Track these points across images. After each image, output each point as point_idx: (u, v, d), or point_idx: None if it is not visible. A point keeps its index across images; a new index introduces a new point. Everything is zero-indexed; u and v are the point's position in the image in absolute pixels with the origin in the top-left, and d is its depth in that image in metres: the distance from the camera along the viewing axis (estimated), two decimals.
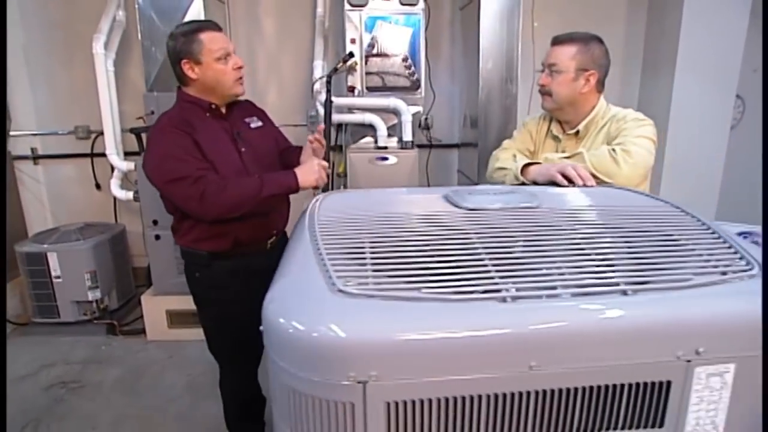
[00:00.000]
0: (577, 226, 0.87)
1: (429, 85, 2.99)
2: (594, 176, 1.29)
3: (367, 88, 2.86)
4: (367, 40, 2.79)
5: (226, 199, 1.45)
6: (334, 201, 1.08)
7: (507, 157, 1.55)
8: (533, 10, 3.44)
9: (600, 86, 1.52)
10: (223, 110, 1.61)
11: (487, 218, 0.90)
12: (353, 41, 2.78)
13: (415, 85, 2.88)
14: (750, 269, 0.73)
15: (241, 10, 3.31)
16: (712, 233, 0.85)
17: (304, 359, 0.64)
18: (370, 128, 2.83)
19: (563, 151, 1.49)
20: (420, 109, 2.91)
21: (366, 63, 2.82)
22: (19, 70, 3.31)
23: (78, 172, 3.55)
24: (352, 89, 2.83)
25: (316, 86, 2.76)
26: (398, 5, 2.72)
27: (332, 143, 2.76)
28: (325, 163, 1.58)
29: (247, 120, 1.68)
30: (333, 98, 2.70)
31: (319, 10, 3.02)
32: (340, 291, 0.69)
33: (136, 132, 2.74)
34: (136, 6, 2.63)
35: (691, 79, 3.16)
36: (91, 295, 3.00)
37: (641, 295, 0.68)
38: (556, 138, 1.59)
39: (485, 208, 0.94)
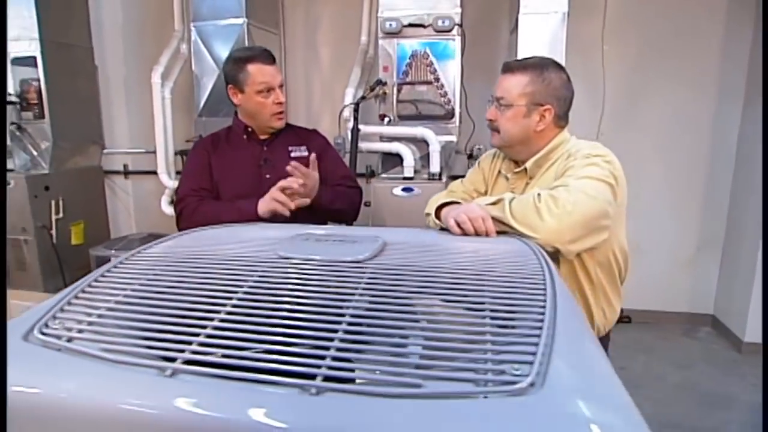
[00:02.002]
0: (372, 292, 0.71)
1: (467, 114, 2.82)
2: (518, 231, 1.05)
3: (400, 116, 2.79)
4: (401, 67, 2.73)
5: (197, 219, 1.51)
6: (187, 238, 1.03)
7: (437, 200, 1.35)
8: (603, 33, 3.09)
9: (560, 120, 1.28)
10: (265, 135, 1.67)
11: (282, 271, 0.78)
12: (386, 69, 2.73)
13: (450, 114, 2.74)
14: (519, 383, 0.51)
15: (299, 40, 3.47)
16: (536, 320, 0.63)
17: None
18: (400, 158, 2.74)
19: (512, 191, 1.27)
20: (454, 138, 2.76)
21: (399, 91, 2.76)
22: (119, 98, 3.82)
23: (160, 186, 3.97)
24: (382, 117, 2.77)
25: (345, 113, 2.75)
26: (432, 32, 2.62)
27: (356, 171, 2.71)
28: (278, 194, 1.51)
29: (291, 148, 1.70)
30: (361, 126, 2.69)
31: (363, 38, 3.04)
32: (32, 333, 0.64)
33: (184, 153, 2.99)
34: (192, 40, 2.89)
35: None
36: None
37: (327, 398, 0.51)
38: (506, 177, 1.37)
39: (294, 258, 0.82)
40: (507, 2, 3.08)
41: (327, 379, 0.53)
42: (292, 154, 1.66)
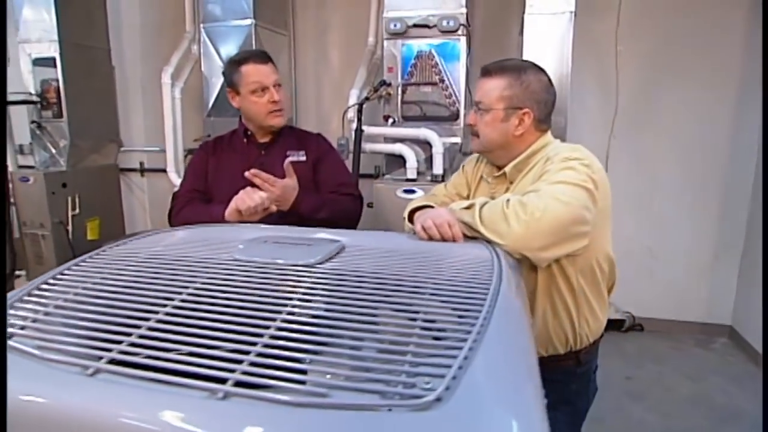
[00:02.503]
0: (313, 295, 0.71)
1: None
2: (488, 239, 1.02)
3: (404, 117, 2.77)
4: (406, 68, 2.71)
5: (179, 220, 1.55)
6: (155, 238, 1.05)
7: (413, 204, 1.32)
8: (617, 32, 3.02)
9: (541, 124, 1.25)
10: (264, 139, 1.66)
11: (230, 274, 0.78)
12: (391, 70, 2.72)
13: (455, 116, 2.71)
14: (425, 396, 0.50)
15: (309, 41, 3.49)
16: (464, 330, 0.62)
17: None
18: (403, 159, 2.73)
19: (493, 196, 1.24)
20: (459, 140, 2.73)
21: (404, 92, 2.74)
22: (136, 98, 3.91)
23: (172, 184, 4.05)
24: (386, 118, 2.76)
25: (349, 114, 2.76)
26: (438, 32, 2.60)
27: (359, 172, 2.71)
28: (241, 196, 1.41)
29: (289, 152, 1.65)
30: (364, 127, 2.69)
31: (370, 39, 3.04)
32: None
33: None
34: (201, 41, 2.94)
35: None
36: None
37: (231, 403, 0.51)
38: (487, 181, 1.34)
39: (246, 261, 0.82)
40: (518, 2, 3.03)
41: (241, 384, 0.53)
42: (289, 159, 1.60)
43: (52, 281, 0.81)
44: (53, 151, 3.28)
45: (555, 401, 0.71)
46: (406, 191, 2.64)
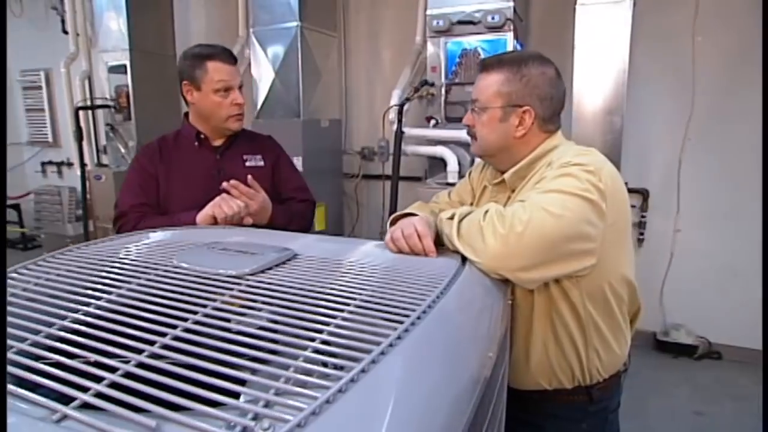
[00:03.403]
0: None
1: None
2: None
3: (448, 118, 2.66)
4: (450, 67, 2.60)
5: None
6: (116, 242, 1.04)
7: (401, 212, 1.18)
8: (695, 21, 2.69)
9: (546, 124, 1.08)
10: (218, 142, 1.55)
11: (156, 282, 0.74)
12: (434, 69, 2.62)
13: None
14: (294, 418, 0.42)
15: (361, 42, 3.47)
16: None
17: None
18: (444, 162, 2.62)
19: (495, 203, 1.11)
20: None
21: (448, 92, 2.63)
22: None
23: None
24: (429, 119, 2.66)
25: (390, 115, 2.69)
26: (483, 28, 2.46)
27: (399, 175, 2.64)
28: (218, 203, 1.33)
29: (245, 157, 1.57)
30: (405, 129, 2.61)
31: (417, 38, 2.95)
32: None
33: None
34: (251, 44, 3.02)
35: None
36: None
37: (61, 427, 0.46)
38: (489, 188, 1.21)
39: (177, 269, 0.77)
40: None
41: (87, 406, 0.48)
42: (247, 164, 1.55)
43: None
44: (123, 151, 3.53)
45: None
46: None
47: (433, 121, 2.64)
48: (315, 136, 3.04)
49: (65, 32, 4.03)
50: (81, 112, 3.71)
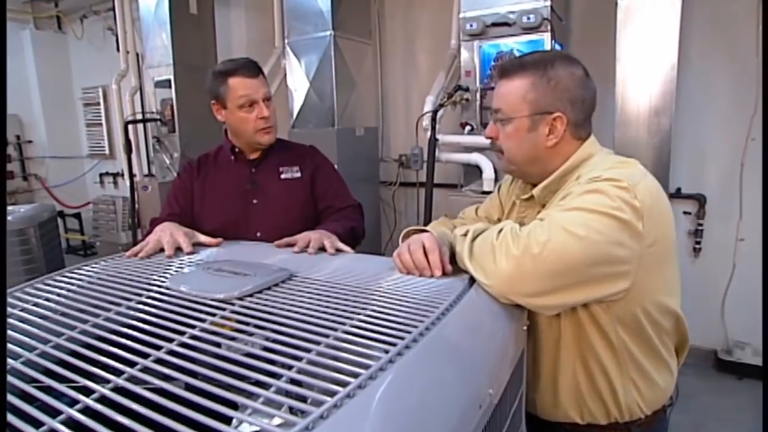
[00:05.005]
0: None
1: None
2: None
3: (483, 124, 2.56)
4: (485, 71, 2.51)
5: None
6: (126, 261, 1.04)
7: (430, 226, 1.10)
8: (759, 8, 2.47)
9: (579, 130, 0.98)
10: (253, 155, 1.53)
11: (145, 305, 0.72)
12: (468, 74, 2.54)
13: None
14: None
15: (397, 48, 3.44)
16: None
17: None
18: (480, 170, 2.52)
19: (522, 222, 0.98)
20: None
21: (483, 97, 2.54)
22: None
23: None
24: (464, 125, 2.58)
25: (424, 122, 2.62)
26: (519, 30, 2.36)
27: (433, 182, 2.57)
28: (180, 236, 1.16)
29: (281, 169, 1.54)
30: (439, 136, 2.55)
31: (452, 42, 2.87)
32: None
33: None
34: (287, 54, 3.04)
35: None
36: None
37: None
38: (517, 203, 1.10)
39: (166, 292, 0.75)
40: None
41: None
42: (283, 176, 1.52)
43: None
44: (167, 162, 3.66)
45: None
46: None
47: (468, 127, 2.55)
48: (350, 144, 3.03)
49: (119, 50, 4.25)
50: (130, 126, 3.88)
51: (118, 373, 0.53)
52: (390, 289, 0.76)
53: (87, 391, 0.50)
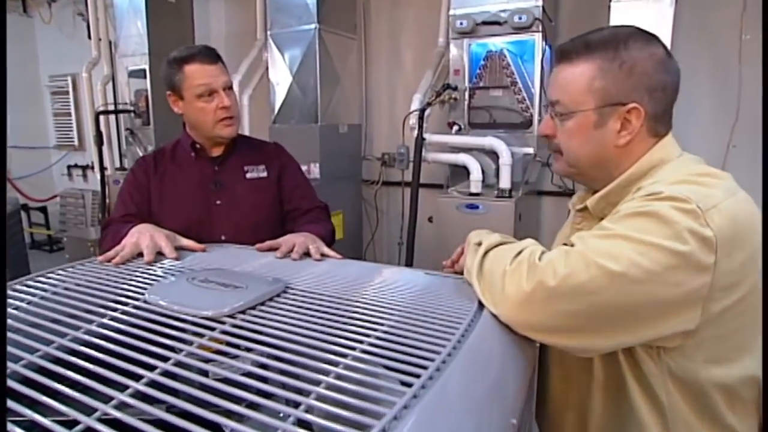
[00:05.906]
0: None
1: None
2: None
3: (472, 124, 2.53)
4: (474, 70, 2.47)
5: (103, 246, 1.21)
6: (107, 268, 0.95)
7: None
8: (743, 18, 2.48)
9: (657, 125, 0.79)
10: (216, 152, 1.42)
11: (122, 323, 0.64)
12: (457, 72, 2.49)
13: (528, 122, 2.40)
14: None
15: (382, 44, 3.36)
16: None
17: None
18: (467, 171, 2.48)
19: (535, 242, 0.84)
20: (532, 150, 2.41)
21: (471, 96, 2.50)
22: None
23: None
24: (451, 125, 2.53)
25: (411, 121, 2.56)
26: (510, 29, 2.32)
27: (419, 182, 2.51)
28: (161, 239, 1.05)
29: (246, 168, 1.44)
30: (426, 135, 2.49)
31: (440, 40, 2.81)
32: None
33: None
34: (269, 47, 2.94)
35: None
36: None
37: None
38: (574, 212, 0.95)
39: (145, 307, 0.67)
40: None
41: None
42: (248, 175, 1.42)
43: None
44: (141, 155, 3.50)
45: None
46: (468, 207, 2.39)
47: (455, 127, 2.50)
48: (333, 141, 2.94)
49: (90, 38, 4.05)
50: (102, 117, 3.70)
51: (88, 411, 0.45)
52: (401, 302, 0.69)
53: None
